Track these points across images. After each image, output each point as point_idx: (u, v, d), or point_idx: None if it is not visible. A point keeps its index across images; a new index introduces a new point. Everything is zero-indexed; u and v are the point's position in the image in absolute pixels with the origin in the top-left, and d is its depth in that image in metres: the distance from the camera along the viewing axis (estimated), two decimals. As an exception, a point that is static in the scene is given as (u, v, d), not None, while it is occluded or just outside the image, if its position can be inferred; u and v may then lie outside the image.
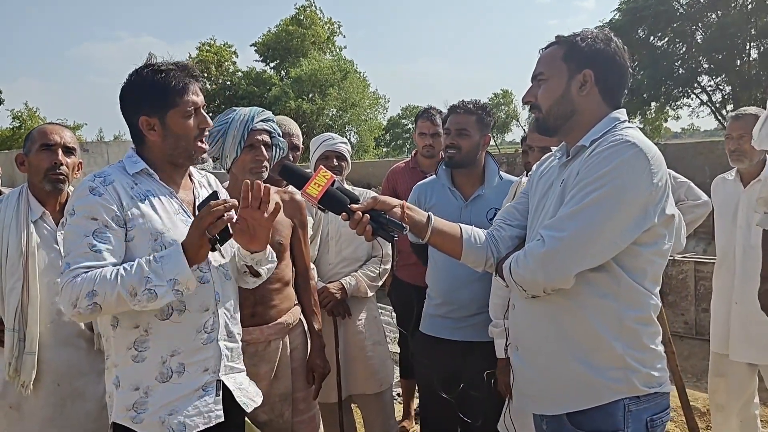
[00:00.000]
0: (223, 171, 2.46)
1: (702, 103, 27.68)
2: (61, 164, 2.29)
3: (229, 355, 1.84)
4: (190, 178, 1.93)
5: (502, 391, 2.47)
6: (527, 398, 1.77)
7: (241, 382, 1.89)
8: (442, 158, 2.86)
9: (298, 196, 2.54)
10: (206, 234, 1.62)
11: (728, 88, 26.03)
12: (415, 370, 3.22)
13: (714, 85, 26.75)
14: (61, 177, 2.28)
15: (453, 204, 2.74)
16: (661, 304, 1.69)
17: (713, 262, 3.40)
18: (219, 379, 1.79)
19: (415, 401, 4.16)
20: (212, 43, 40.26)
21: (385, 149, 49.80)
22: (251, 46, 40.42)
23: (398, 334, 4.24)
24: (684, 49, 26.25)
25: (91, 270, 1.59)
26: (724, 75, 25.79)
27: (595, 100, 1.67)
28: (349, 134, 37.87)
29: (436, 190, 2.83)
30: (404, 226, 1.67)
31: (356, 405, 3.31)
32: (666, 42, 26.46)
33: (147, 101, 1.72)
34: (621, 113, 1.68)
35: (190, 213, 1.82)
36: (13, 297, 2.17)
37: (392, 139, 52.16)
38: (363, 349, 2.99)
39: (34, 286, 2.18)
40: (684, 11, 25.19)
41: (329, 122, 35.34)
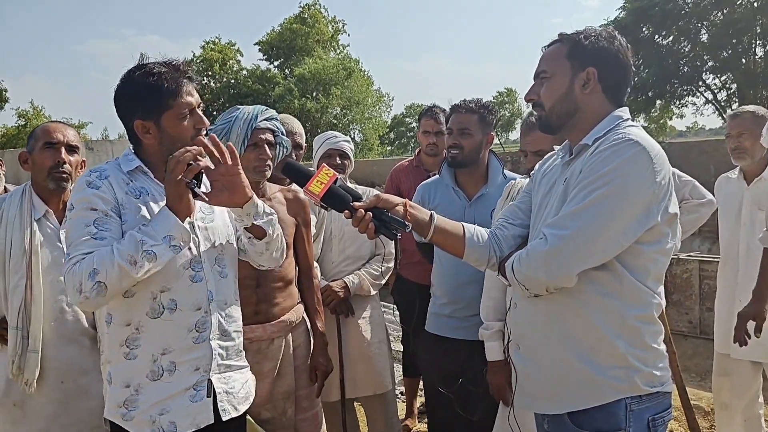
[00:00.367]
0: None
1: (707, 101, 27.56)
2: (65, 162, 2.29)
3: (223, 353, 1.83)
4: None
5: (495, 395, 2.46)
6: (528, 397, 1.77)
7: (233, 385, 1.87)
8: (445, 157, 2.85)
9: (302, 195, 2.54)
10: (182, 181, 1.63)
11: (734, 86, 25.92)
12: (421, 368, 3.22)
13: (719, 84, 26.65)
14: (64, 175, 2.29)
15: (457, 204, 2.73)
16: (663, 303, 1.68)
17: (718, 261, 3.39)
18: (210, 379, 1.79)
19: (418, 400, 4.16)
20: (217, 41, 40.32)
21: (389, 147, 49.79)
22: (255, 44, 40.48)
23: (401, 333, 4.24)
24: (689, 47, 26.14)
25: (88, 255, 1.59)
26: (730, 73, 25.68)
27: (599, 98, 1.67)
28: (353, 132, 37.88)
29: (440, 190, 2.82)
30: (407, 224, 1.67)
31: (359, 403, 3.31)
32: (671, 40, 26.35)
33: (140, 105, 1.71)
34: (624, 111, 1.67)
35: None
36: (16, 295, 2.17)
37: (396, 137, 52.15)
38: (366, 347, 2.99)
39: (38, 284, 2.18)
40: (689, 9, 25.07)
41: (333, 120, 35.35)
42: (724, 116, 26.18)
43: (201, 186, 1.70)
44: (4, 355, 2.21)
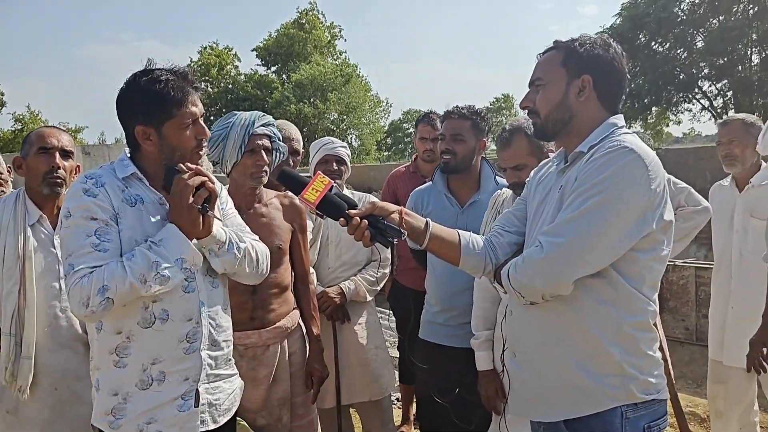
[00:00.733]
0: (223, 174, 2.46)
1: (703, 108, 27.67)
2: (59, 168, 2.28)
3: (212, 363, 1.82)
4: None
5: (486, 404, 2.45)
6: (524, 405, 1.77)
7: (218, 396, 1.85)
8: (438, 164, 2.86)
9: (298, 201, 2.54)
10: (194, 206, 1.64)
11: (730, 93, 26.02)
12: (416, 376, 3.22)
13: (715, 91, 26.75)
14: (58, 180, 2.28)
15: (449, 210, 2.74)
16: (658, 311, 1.68)
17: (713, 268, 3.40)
18: (198, 389, 1.78)
19: (414, 406, 4.15)
20: (214, 46, 40.34)
21: (386, 153, 49.75)
22: (253, 50, 40.51)
23: (398, 339, 4.23)
24: (685, 54, 26.26)
25: (96, 269, 1.58)
26: (726, 80, 25.78)
27: (594, 105, 1.67)
28: (350, 138, 37.89)
29: (433, 197, 2.83)
30: (402, 231, 1.67)
31: (354, 410, 3.30)
32: (667, 47, 26.46)
33: (144, 111, 1.70)
34: (619, 119, 1.68)
35: None
36: (9, 301, 2.16)
37: (394, 142, 52.13)
38: (363, 353, 2.98)
39: (31, 289, 2.17)
40: (685, 17, 25.20)
41: (331, 126, 35.36)
42: (721, 123, 26.23)
43: (213, 209, 1.72)
44: (-3, 361, 2.19)
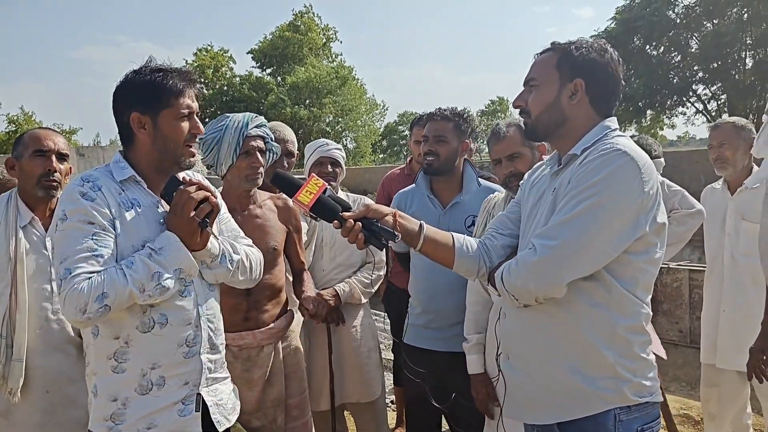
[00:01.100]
0: (217, 177, 2.46)
1: (697, 111, 27.79)
2: (55, 171, 2.28)
3: (211, 367, 1.82)
4: None
5: (479, 407, 2.45)
6: (518, 407, 1.77)
7: (221, 397, 1.86)
8: (421, 165, 2.86)
9: (292, 203, 2.54)
10: (194, 219, 1.66)
11: (723, 96, 26.15)
12: (401, 379, 3.21)
13: (709, 94, 26.88)
14: (54, 183, 2.27)
15: (432, 211, 2.74)
16: (651, 313, 1.68)
17: (707, 271, 3.41)
18: (199, 393, 1.78)
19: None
20: (209, 48, 40.29)
21: (381, 155, 49.80)
22: (248, 53, 40.48)
23: (392, 341, 4.23)
24: (679, 57, 26.38)
25: (94, 275, 1.58)
26: (720, 84, 25.91)
27: (586, 109, 1.67)
28: (345, 140, 37.89)
29: (416, 198, 2.84)
30: (396, 234, 1.67)
31: (349, 412, 3.30)
32: (662, 51, 26.59)
33: (141, 98, 1.71)
34: (612, 122, 1.68)
35: None
36: (0, 303, 2.15)
37: (389, 145, 52.17)
38: (357, 356, 2.97)
39: (23, 292, 2.16)
40: (680, 20, 25.32)
41: (326, 128, 35.36)
42: (715, 126, 26.34)
43: (213, 225, 1.74)
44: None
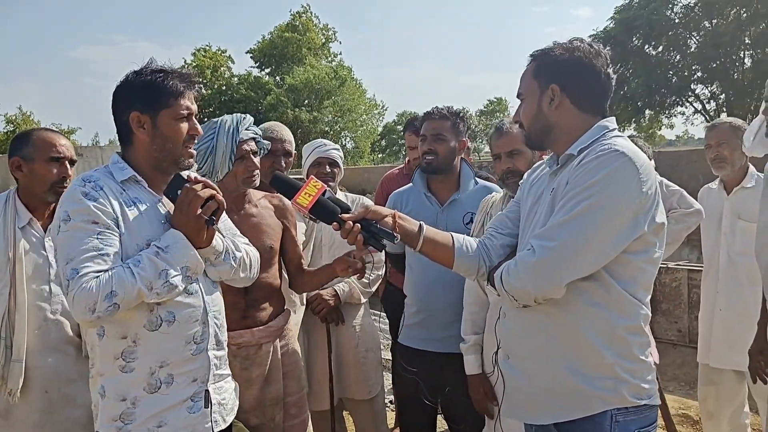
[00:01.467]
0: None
1: (696, 111, 27.82)
2: (69, 177, 2.28)
3: (218, 363, 1.84)
4: None
5: (477, 408, 2.46)
6: (517, 407, 1.77)
7: (224, 396, 1.87)
8: (418, 165, 2.86)
9: (287, 200, 2.54)
10: (201, 217, 1.67)
11: (722, 96, 26.18)
12: (394, 379, 3.22)
13: (708, 94, 26.92)
14: (64, 189, 2.27)
15: (429, 209, 2.74)
16: (650, 314, 1.69)
17: (704, 270, 3.42)
18: (207, 390, 1.79)
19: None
20: (207, 49, 40.26)
21: (380, 155, 49.80)
22: (247, 53, 40.49)
23: (391, 341, 4.24)
24: (678, 57, 26.42)
25: (102, 274, 1.58)
26: (718, 83, 25.95)
27: (569, 111, 1.67)
28: (344, 140, 37.87)
29: (413, 197, 2.84)
30: (395, 235, 1.67)
31: (348, 412, 3.30)
32: (660, 50, 26.62)
33: (141, 97, 1.72)
34: (610, 122, 1.68)
35: None
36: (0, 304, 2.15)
37: (388, 144, 52.17)
38: (355, 355, 2.98)
39: (21, 292, 2.15)
40: (678, 20, 25.34)
41: (325, 128, 35.33)
42: (713, 126, 26.37)
43: (218, 222, 1.75)
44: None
